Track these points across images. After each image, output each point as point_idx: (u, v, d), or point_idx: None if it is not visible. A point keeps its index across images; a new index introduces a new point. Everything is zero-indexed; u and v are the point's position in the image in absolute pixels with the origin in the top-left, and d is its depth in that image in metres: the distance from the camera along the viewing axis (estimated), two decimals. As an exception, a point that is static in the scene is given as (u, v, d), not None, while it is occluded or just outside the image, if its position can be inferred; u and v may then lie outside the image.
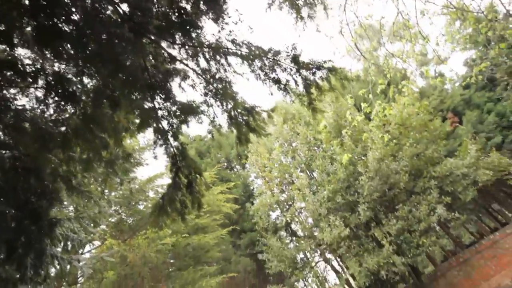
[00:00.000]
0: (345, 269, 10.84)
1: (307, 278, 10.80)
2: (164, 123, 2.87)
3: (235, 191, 12.59)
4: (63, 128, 2.67)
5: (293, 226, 14.47)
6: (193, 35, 2.55)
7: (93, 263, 7.24)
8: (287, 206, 11.96)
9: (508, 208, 19.48)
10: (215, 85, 2.87)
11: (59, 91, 2.15)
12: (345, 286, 10.34)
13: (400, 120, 10.80)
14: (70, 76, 2.29)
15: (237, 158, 17.29)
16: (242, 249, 13.73)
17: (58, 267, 2.00)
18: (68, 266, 2.15)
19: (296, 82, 2.84)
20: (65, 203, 2.34)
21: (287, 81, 2.82)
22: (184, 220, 3.10)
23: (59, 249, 2.83)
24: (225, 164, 18.09)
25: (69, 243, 2.72)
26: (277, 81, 2.80)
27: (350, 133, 7.54)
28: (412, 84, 13.23)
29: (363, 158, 10.10)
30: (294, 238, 11.43)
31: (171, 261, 7.11)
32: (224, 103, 2.97)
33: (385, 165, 9.38)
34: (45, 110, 2.71)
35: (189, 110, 2.84)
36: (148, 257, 5.65)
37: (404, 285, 12.49)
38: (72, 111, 2.80)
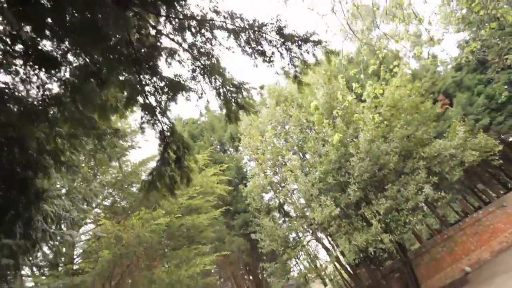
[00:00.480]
0: (335, 247, 11.25)
1: (298, 256, 11.18)
2: (152, 99, 2.83)
3: (228, 173, 12.70)
4: (49, 108, 2.62)
5: (285, 207, 14.80)
6: (178, 6, 2.47)
7: (86, 238, 7.34)
8: (280, 188, 12.17)
9: (492, 188, 20.26)
10: (202, 60, 2.82)
11: (38, 58, 2.08)
12: (335, 263, 10.81)
13: (391, 102, 10.89)
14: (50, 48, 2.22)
15: (230, 141, 17.29)
16: (236, 230, 14.06)
17: (51, 242, 2.01)
18: (61, 242, 2.16)
19: (281, 54, 2.81)
20: (55, 180, 2.32)
21: (272, 53, 2.78)
22: (173, 195, 3.13)
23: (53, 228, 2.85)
24: (218, 147, 18.10)
25: (62, 221, 2.73)
26: (262, 53, 2.76)
27: (341, 113, 7.59)
28: (405, 66, 13.27)
29: (354, 140, 10.25)
30: (286, 219, 11.71)
31: (166, 241, 7.25)
32: (212, 79, 2.94)
33: (376, 146, 9.54)
34: (29, 88, 2.64)
35: (177, 86, 2.81)
36: (142, 237, 5.74)
37: (391, 261, 13.11)
38: (58, 90, 2.74)
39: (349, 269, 11.94)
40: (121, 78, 2.61)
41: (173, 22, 2.57)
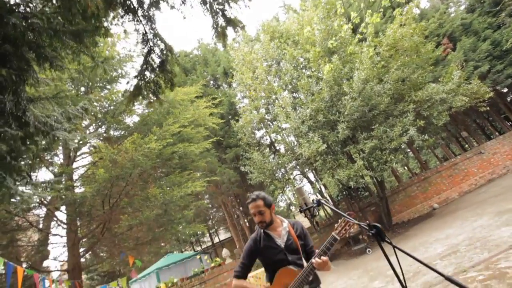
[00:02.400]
0: (319, 181, 12.11)
1: (285, 189, 12.06)
2: (134, 1, 2.66)
3: (220, 108, 12.71)
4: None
5: (276, 145, 15.35)
6: None
7: (83, 165, 7.65)
8: (271, 125, 12.41)
9: (475, 136, 21.06)
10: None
11: None
12: (317, 194, 11.81)
13: (392, 41, 10.43)
14: None
15: (223, 76, 16.84)
16: (227, 163, 14.78)
17: (41, 136, 2.12)
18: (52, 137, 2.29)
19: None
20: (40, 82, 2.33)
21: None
22: (158, 100, 3.21)
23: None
24: (212, 82, 17.69)
25: (54, 131, 2.82)
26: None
27: (336, 45, 7.29)
28: (414, 3, 12.30)
29: (349, 79, 10.11)
30: (276, 154, 12.24)
31: (159, 166, 7.66)
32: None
33: (369, 86, 9.48)
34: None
35: (159, -10, 2.62)
36: (136, 160, 6.05)
37: (370, 195, 14.34)
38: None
39: (330, 201, 13.09)
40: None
41: None
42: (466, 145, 24.70)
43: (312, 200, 2.03)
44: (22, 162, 2.39)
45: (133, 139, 6.17)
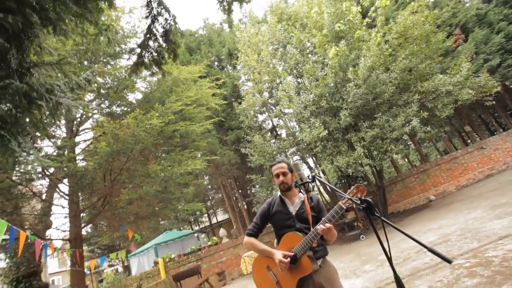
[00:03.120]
0: (318, 166, 12.20)
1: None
2: None
3: (224, 89, 12.63)
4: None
5: (277, 130, 15.35)
6: None
7: (85, 139, 7.74)
8: (274, 110, 12.37)
9: (478, 131, 20.90)
10: None
11: None
12: (320, 172, 11.93)
13: (402, 29, 10.17)
14: None
15: (228, 57, 16.59)
16: (228, 145, 14.87)
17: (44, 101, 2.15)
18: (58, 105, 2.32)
19: None
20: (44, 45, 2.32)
21: None
22: (161, 71, 3.22)
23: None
24: (216, 63, 17.46)
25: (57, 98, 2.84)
26: None
27: (343, 29, 7.12)
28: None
29: (355, 66, 9.96)
30: (276, 139, 12.27)
31: (161, 142, 7.72)
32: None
33: (375, 74, 9.35)
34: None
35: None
36: (138, 136, 6.10)
37: (368, 184, 14.47)
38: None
39: (328, 188, 13.27)
40: None
41: None
42: (469, 140, 24.57)
43: (308, 176, 2.08)
44: (27, 127, 2.44)
45: (135, 115, 6.20)
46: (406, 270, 4.97)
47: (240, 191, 20.24)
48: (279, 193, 2.35)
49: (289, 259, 2.02)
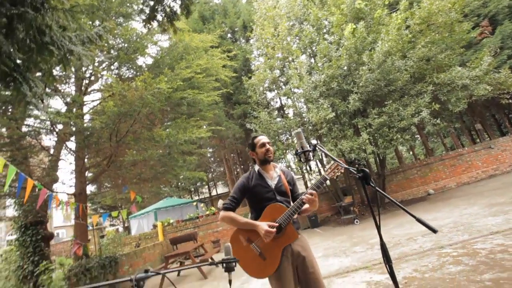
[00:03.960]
0: (322, 148, 12.23)
1: (286, 152, 12.24)
2: None
3: (235, 62, 12.40)
4: None
5: (285, 109, 15.23)
6: None
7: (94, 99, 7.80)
8: (283, 88, 12.20)
9: (489, 131, 20.48)
10: None
11: None
12: (317, 161, 12.00)
13: (426, 14, 9.69)
14: None
15: (242, 30, 16.12)
16: (234, 119, 14.87)
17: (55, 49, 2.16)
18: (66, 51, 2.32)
19: None
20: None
21: None
22: (173, 27, 3.18)
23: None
24: (229, 35, 17.01)
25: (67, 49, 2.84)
26: None
27: (363, 8, 6.79)
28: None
29: (371, 50, 9.63)
30: (283, 118, 12.22)
31: (167, 109, 7.76)
32: None
33: (391, 60, 9.06)
34: None
35: None
36: (145, 99, 6.13)
37: (369, 172, 14.55)
38: None
39: (328, 158, 13.39)
40: None
41: None
42: (478, 139, 24.16)
43: (309, 144, 2.11)
44: (38, 73, 2.46)
45: (144, 77, 6.19)
46: (395, 254, 5.13)
47: (242, 166, 20.52)
48: (256, 168, 2.34)
49: (275, 229, 2.06)
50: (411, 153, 28.91)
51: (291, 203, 2.27)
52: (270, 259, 2.09)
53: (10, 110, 6.72)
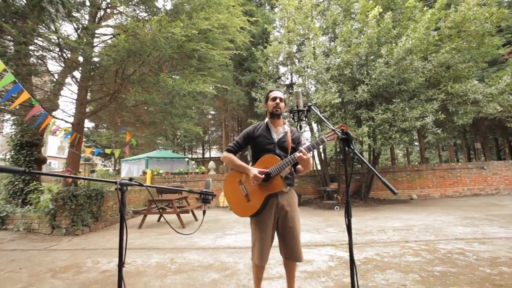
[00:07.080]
0: (320, 131, 12.33)
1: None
2: None
3: (254, 28, 12.03)
4: None
5: (294, 88, 15.05)
6: None
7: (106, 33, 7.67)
8: (296, 64, 11.97)
9: (486, 151, 20.58)
10: None
11: None
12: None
13: (460, 19, 9.32)
14: None
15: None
16: (242, 85, 14.72)
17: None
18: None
19: None
20: None
21: None
22: None
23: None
24: (255, -1, 16.29)
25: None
26: None
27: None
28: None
29: (393, 44, 9.38)
30: (290, 94, 12.13)
31: (177, 59, 7.66)
32: None
33: (410, 59, 8.87)
34: None
35: None
36: (158, 42, 6.04)
37: (361, 166, 14.79)
38: None
39: (322, 157, 13.59)
40: None
41: None
42: (474, 159, 24.32)
43: (304, 105, 2.20)
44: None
45: (159, 18, 6.04)
46: (363, 239, 5.43)
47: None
48: (266, 120, 2.49)
49: (263, 175, 2.22)
50: (405, 159, 29.16)
51: None
52: (253, 202, 2.30)
53: (20, 24, 6.60)
